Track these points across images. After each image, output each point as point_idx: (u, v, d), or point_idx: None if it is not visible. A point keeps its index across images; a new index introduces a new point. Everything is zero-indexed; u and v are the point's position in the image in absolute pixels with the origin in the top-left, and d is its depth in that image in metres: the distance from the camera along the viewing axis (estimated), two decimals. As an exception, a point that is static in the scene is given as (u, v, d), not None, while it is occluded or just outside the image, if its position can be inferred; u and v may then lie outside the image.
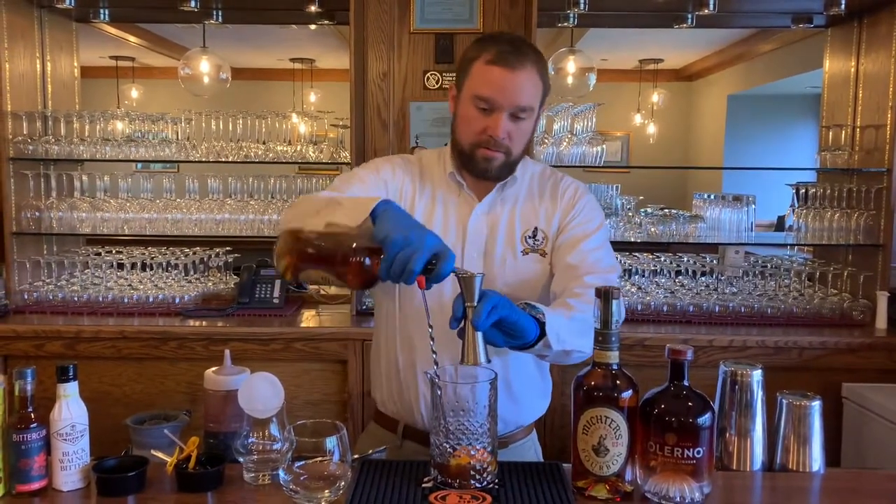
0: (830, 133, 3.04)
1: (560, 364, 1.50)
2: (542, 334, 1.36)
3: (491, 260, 1.58)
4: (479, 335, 1.28)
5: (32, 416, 1.29)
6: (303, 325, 2.75)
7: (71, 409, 1.31)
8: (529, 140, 1.60)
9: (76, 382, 1.32)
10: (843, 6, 2.79)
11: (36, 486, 1.30)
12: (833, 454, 2.47)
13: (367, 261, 1.25)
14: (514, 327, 1.32)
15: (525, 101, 1.50)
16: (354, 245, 1.24)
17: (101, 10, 3.16)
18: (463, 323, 1.28)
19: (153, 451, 1.41)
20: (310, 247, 1.31)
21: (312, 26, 4.61)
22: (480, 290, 1.28)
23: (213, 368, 1.49)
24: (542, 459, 1.72)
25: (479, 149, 1.53)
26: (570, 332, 1.39)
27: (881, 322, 2.76)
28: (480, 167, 1.56)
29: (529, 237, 1.60)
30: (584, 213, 1.62)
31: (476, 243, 1.59)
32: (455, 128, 1.59)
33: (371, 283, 1.28)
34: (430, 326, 1.36)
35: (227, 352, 1.51)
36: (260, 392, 1.36)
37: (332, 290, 3.21)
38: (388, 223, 1.25)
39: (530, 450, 1.70)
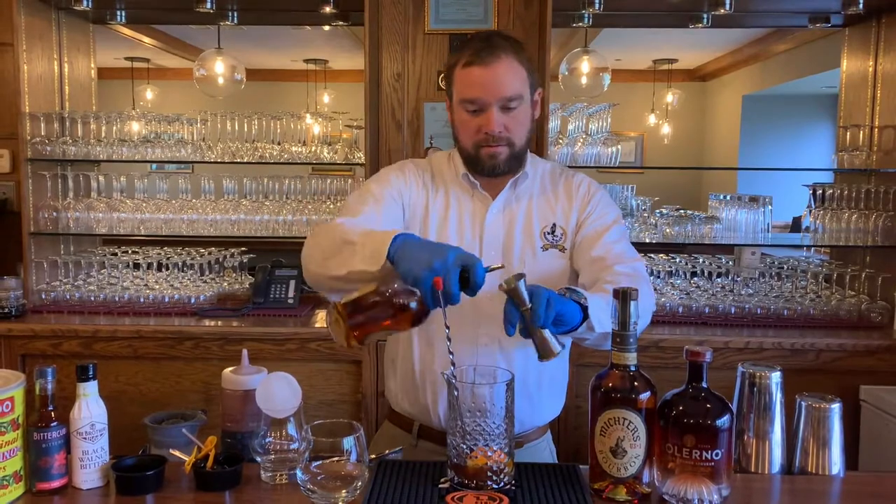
0: (848, 133, 3.01)
1: (598, 349, 1.48)
2: (585, 317, 1.37)
3: (511, 257, 1.59)
4: (546, 329, 1.28)
5: (53, 414, 1.30)
6: (317, 325, 2.75)
7: (90, 408, 1.32)
8: (532, 128, 1.59)
9: (96, 382, 1.33)
10: (861, 5, 2.76)
11: (56, 484, 1.31)
12: (850, 457, 2.44)
13: (413, 304, 1.27)
14: (563, 317, 1.33)
15: (509, 90, 1.51)
16: (393, 300, 1.27)
17: (118, 12, 3.18)
18: (522, 325, 1.29)
19: (171, 450, 1.42)
20: (357, 317, 1.30)
21: (326, 27, 4.63)
22: (528, 290, 1.28)
23: (231, 368, 1.50)
24: (556, 460, 1.72)
25: (482, 148, 1.55)
26: (610, 315, 1.39)
27: (900, 324, 2.74)
28: (488, 165, 1.57)
29: (548, 233, 1.61)
30: (599, 208, 1.63)
31: (494, 241, 1.59)
32: (456, 135, 1.62)
33: (425, 316, 1.29)
34: (447, 327, 1.36)
35: (245, 352, 1.51)
36: (278, 392, 1.37)
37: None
38: (408, 262, 1.26)
39: (545, 450, 1.70)
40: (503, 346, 1.55)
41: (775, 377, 1.44)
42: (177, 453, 1.40)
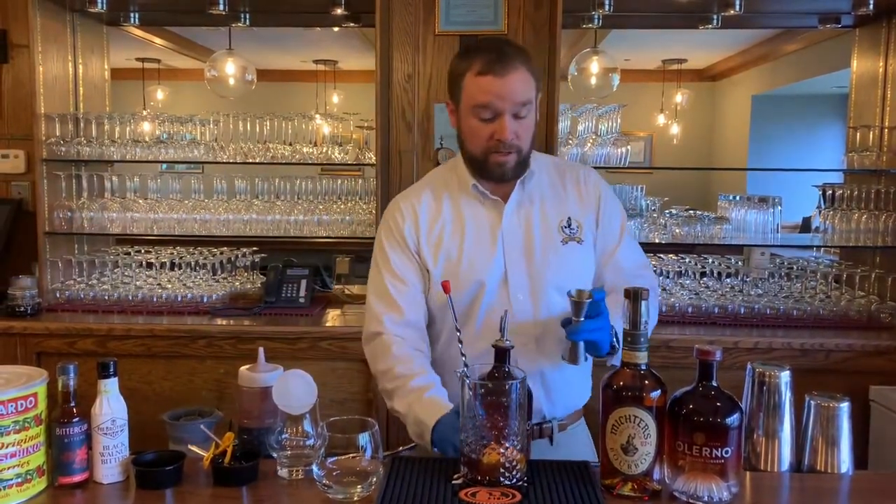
0: (858, 134, 3.01)
1: None
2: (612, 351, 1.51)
3: (534, 255, 1.62)
4: (580, 344, 1.43)
5: (74, 410, 1.32)
6: (328, 324, 2.78)
7: (111, 405, 1.34)
8: (535, 132, 1.63)
9: (116, 378, 1.36)
10: (871, 6, 2.77)
11: (77, 478, 1.33)
12: (860, 458, 2.45)
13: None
14: (595, 348, 1.47)
15: (522, 97, 1.54)
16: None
17: (132, 14, 3.21)
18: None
19: (190, 446, 1.44)
20: None
21: (336, 28, 4.64)
22: (587, 311, 1.42)
23: (248, 366, 1.52)
24: (594, 448, 1.73)
25: (492, 154, 1.58)
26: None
27: (910, 324, 2.74)
28: (496, 172, 1.60)
29: (565, 226, 1.65)
30: (610, 209, 1.70)
31: (515, 244, 1.62)
32: (463, 141, 1.63)
33: None
34: (458, 330, 1.41)
35: (262, 350, 1.54)
36: (294, 389, 1.39)
37: (357, 289, 3.24)
38: (442, 444, 1.43)
39: (581, 434, 1.72)
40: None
41: (784, 376, 1.45)
42: (195, 449, 1.43)
